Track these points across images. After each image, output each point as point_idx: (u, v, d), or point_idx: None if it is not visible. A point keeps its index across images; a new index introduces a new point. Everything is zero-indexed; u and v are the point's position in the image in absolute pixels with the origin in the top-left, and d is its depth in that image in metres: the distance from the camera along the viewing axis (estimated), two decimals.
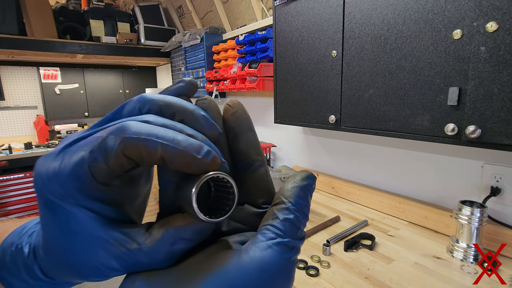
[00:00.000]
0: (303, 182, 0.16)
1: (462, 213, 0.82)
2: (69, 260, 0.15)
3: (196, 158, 0.14)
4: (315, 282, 0.75)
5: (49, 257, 0.16)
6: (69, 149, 0.15)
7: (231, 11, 1.99)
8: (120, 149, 0.13)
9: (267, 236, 0.15)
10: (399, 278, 0.75)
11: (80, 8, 2.64)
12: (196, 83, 0.18)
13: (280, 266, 0.14)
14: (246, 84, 1.62)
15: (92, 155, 0.14)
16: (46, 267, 0.17)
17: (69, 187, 0.14)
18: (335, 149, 1.40)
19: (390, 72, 0.81)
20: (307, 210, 0.16)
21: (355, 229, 1.00)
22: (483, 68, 0.62)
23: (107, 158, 0.14)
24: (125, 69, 3.21)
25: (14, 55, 2.36)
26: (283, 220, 0.15)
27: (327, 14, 0.97)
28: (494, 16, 0.59)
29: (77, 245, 0.15)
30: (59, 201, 0.14)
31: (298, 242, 0.15)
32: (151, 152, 0.13)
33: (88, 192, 0.14)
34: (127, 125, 0.14)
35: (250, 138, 0.18)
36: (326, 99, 1.03)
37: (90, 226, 0.15)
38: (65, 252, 0.15)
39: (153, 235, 0.15)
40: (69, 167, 0.14)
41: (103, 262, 0.14)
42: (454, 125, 0.68)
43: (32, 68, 2.77)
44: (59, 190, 0.14)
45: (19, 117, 2.78)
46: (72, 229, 0.15)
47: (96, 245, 0.14)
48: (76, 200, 0.14)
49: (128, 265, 0.15)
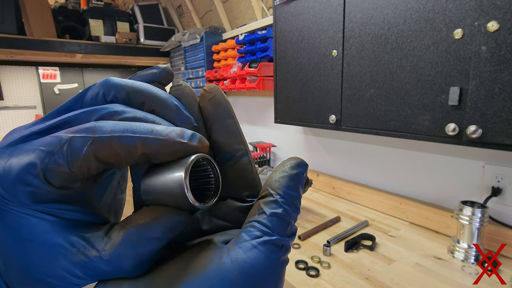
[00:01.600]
0: (293, 171, 0.14)
1: (463, 214, 0.81)
2: (28, 270, 0.13)
3: (182, 143, 0.13)
4: (315, 283, 0.74)
5: (8, 268, 0.14)
6: (18, 146, 0.13)
7: (231, 11, 1.99)
8: (91, 151, 0.12)
9: (252, 234, 0.13)
10: (400, 278, 0.75)
11: (79, 8, 2.63)
12: (171, 71, 0.17)
13: (267, 268, 0.12)
14: (246, 84, 1.61)
15: (52, 157, 0.12)
16: (8, 280, 0.14)
17: (16, 192, 0.12)
18: (335, 149, 1.40)
19: (390, 71, 0.81)
20: (298, 203, 0.14)
21: (356, 229, 1.00)
22: (484, 67, 0.61)
23: (72, 163, 0.12)
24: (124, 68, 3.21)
25: (13, 54, 2.35)
26: (271, 215, 0.13)
27: (327, 14, 0.97)
28: (495, 16, 0.58)
29: (33, 253, 0.12)
30: (5, 206, 0.12)
31: (287, 240, 0.13)
32: (130, 150, 0.12)
33: (41, 196, 0.12)
34: (96, 125, 0.12)
35: (230, 126, 0.16)
36: (327, 99, 1.02)
37: (45, 231, 0.12)
38: (22, 262, 0.13)
39: (112, 239, 0.13)
40: (17, 169, 0.12)
41: (66, 270, 0.12)
42: (455, 125, 0.68)
43: (31, 68, 2.77)
44: (4, 194, 0.12)
45: (18, 117, 2.77)
46: (24, 236, 0.12)
47: (54, 253, 0.12)
48: (26, 205, 0.12)
49: (93, 273, 0.13)
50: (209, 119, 0.16)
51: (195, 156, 0.13)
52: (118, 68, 3.16)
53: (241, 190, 0.16)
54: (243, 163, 0.16)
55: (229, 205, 0.16)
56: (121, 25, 2.65)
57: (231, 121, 0.16)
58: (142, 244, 0.12)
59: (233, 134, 0.16)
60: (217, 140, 0.16)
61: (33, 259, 0.13)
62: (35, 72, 2.77)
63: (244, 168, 0.16)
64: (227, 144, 0.16)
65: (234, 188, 0.16)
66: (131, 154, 0.12)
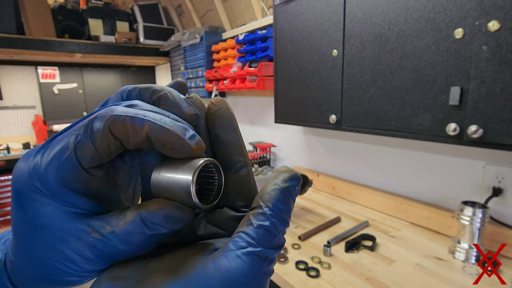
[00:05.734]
0: (285, 184, 0.15)
1: (464, 214, 0.81)
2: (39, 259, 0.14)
3: (181, 138, 0.14)
4: (315, 284, 0.74)
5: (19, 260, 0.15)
6: (52, 141, 0.14)
7: (231, 10, 1.98)
8: (107, 126, 0.14)
9: (238, 244, 0.14)
10: (401, 279, 0.74)
11: (78, 7, 2.63)
12: (184, 82, 0.18)
13: (249, 278, 0.13)
14: (246, 84, 1.61)
15: (78, 137, 0.14)
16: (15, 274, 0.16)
17: (48, 176, 0.13)
18: (335, 149, 1.39)
19: (391, 71, 0.81)
20: (286, 216, 0.15)
21: (356, 230, 1.00)
22: (485, 67, 0.61)
23: (94, 138, 0.14)
24: (124, 68, 3.20)
25: (12, 54, 2.34)
26: (257, 227, 0.14)
27: (327, 13, 0.97)
28: (496, 15, 0.58)
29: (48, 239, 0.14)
30: (31, 193, 0.14)
31: (272, 252, 0.14)
32: (137, 129, 0.14)
33: (68, 182, 0.14)
34: (114, 107, 0.14)
35: (232, 138, 0.17)
36: (327, 99, 1.02)
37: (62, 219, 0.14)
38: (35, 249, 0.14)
39: (126, 217, 0.14)
40: (52, 154, 0.14)
41: (77, 252, 0.14)
42: (455, 125, 0.68)
43: (30, 68, 2.76)
44: (35, 182, 0.14)
45: (17, 117, 2.76)
46: (41, 223, 0.14)
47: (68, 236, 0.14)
48: (52, 192, 0.14)
49: (103, 254, 0.14)
50: (213, 130, 0.18)
51: (204, 160, 0.15)
52: (117, 67, 3.15)
53: (237, 200, 0.17)
54: (241, 174, 0.17)
55: (225, 213, 0.17)
56: (121, 24, 2.64)
57: (234, 134, 0.17)
58: (149, 227, 0.14)
59: (234, 146, 0.17)
60: (219, 150, 0.17)
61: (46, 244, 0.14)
62: (34, 72, 2.77)
63: (242, 179, 0.17)
64: (227, 155, 0.17)
65: (231, 197, 0.17)
66: (137, 134, 0.14)
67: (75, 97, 2.93)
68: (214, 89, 1.98)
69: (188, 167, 0.14)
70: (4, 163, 2.28)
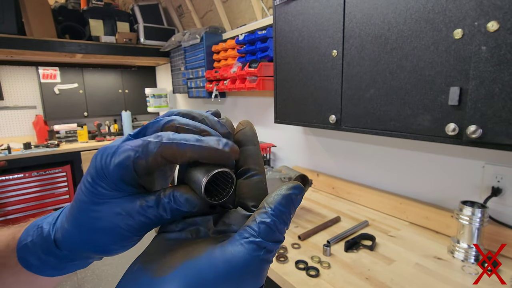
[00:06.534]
0: (287, 191, 0.18)
1: (463, 214, 0.81)
2: (93, 226, 0.19)
3: (217, 150, 0.18)
4: (315, 283, 0.74)
5: (73, 228, 0.20)
6: (123, 144, 0.19)
7: (231, 11, 1.99)
8: (159, 151, 0.18)
9: (242, 235, 0.17)
10: (400, 279, 0.75)
11: (79, 8, 2.63)
12: (219, 111, 0.23)
13: (247, 262, 0.16)
14: (246, 84, 1.61)
15: (136, 154, 0.18)
16: (66, 241, 0.21)
17: (113, 175, 0.18)
18: (335, 149, 1.40)
19: (390, 71, 0.81)
20: (286, 218, 0.18)
21: (356, 229, 1.00)
22: (484, 67, 0.61)
23: (147, 158, 0.18)
24: (124, 68, 3.21)
25: (13, 54, 2.35)
26: (259, 223, 0.17)
27: (327, 14, 0.97)
28: (495, 16, 0.58)
29: (102, 212, 0.19)
30: (99, 180, 0.19)
31: (270, 244, 0.17)
32: (181, 153, 0.18)
33: (127, 180, 0.19)
34: (163, 134, 0.19)
35: (252, 151, 0.21)
36: (327, 99, 1.02)
37: (116, 199, 0.19)
38: (90, 220, 0.19)
39: (165, 191, 0.19)
40: (118, 161, 0.18)
41: (124, 221, 0.19)
42: (455, 125, 0.68)
43: (31, 68, 2.77)
44: (104, 173, 0.18)
45: (18, 117, 2.77)
46: (99, 201, 0.19)
47: (119, 209, 0.19)
48: (115, 184, 0.18)
49: (142, 221, 0.19)
50: (237, 144, 0.22)
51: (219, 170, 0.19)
52: (118, 68, 3.16)
53: (249, 201, 0.20)
54: (255, 180, 0.21)
55: (238, 212, 0.20)
56: (121, 25, 2.64)
57: (254, 148, 0.22)
58: (176, 203, 0.19)
59: (252, 157, 0.21)
60: (241, 159, 0.21)
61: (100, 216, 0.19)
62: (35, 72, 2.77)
63: (255, 184, 0.21)
64: (246, 163, 0.21)
65: (244, 198, 0.21)
66: (182, 156, 0.18)
67: (75, 97, 2.94)
68: (214, 89, 1.98)
69: (207, 170, 0.19)
70: (5, 163, 2.29)
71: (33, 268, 0.22)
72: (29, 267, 0.22)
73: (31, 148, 2.48)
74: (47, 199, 2.51)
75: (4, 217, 2.34)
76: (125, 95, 3.23)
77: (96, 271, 2.22)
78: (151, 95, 2.89)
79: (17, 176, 2.36)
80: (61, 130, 2.84)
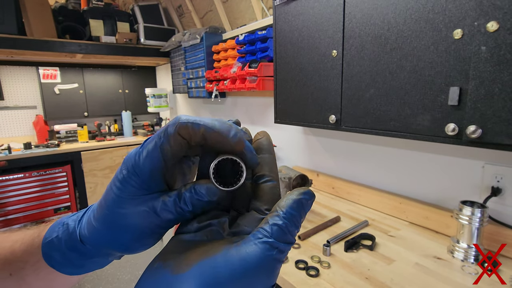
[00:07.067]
0: (298, 196, 0.19)
1: (463, 214, 0.81)
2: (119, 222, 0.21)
3: (226, 137, 0.20)
4: (315, 283, 0.74)
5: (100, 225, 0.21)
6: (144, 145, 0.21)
7: (231, 11, 1.99)
8: (177, 130, 0.19)
9: (256, 236, 0.18)
10: (400, 278, 0.75)
11: (79, 8, 2.64)
12: (239, 121, 0.25)
13: (261, 260, 0.17)
14: (246, 84, 1.61)
15: (160, 139, 0.20)
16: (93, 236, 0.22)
17: (144, 168, 0.20)
18: (335, 149, 1.40)
19: (390, 72, 0.81)
20: (297, 221, 0.19)
21: (356, 229, 1.00)
22: (484, 68, 0.61)
23: (169, 139, 0.20)
24: (124, 69, 3.21)
25: (13, 54, 2.35)
26: (272, 224, 0.18)
27: (327, 14, 0.97)
28: (495, 16, 0.58)
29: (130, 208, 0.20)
30: (131, 179, 0.20)
31: (282, 245, 0.18)
32: (196, 131, 0.19)
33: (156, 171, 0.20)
34: (180, 116, 0.20)
35: (268, 159, 0.23)
36: (327, 99, 1.02)
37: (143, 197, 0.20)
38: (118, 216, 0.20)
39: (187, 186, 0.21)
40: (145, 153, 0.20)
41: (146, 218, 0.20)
42: (454, 125, 0.68)
43: (32, 68, 2.77)
44: (137, 170, 0.20)
45: (18, 117, 2.77)
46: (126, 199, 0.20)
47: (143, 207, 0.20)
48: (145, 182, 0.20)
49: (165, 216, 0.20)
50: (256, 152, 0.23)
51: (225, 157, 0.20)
52: (118, 68, 3.16)
53: (263, 205, 0.21)
54: (269, 186, 0.22)
55: (252, 215, 0.21)
56: (121, 25, 2.65)
57: (267, 155, 0.23)
58: (196, 193, 0.20)
59: (268, 164, 0.22)
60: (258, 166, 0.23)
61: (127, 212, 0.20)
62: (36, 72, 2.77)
63: (268, 189, 0.22)
64: (262, 170, 0.22)
65: (259, 202, 0.22)
66: (196, 134, 0.19)
67: (76, 97, 2.94)
68: (214, 89, 1.98)
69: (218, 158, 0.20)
70: (5, 163, 2.29)
71: (55, 264, 0.23)
72: (51, 262, 0.23)
73: (31, 148, 2.48)
74: (47, 199, 2.51)
75: (4, 217, 2.34)
76: (125, 95, 3.23)
77: (96, 271, 2.22)
78: (151, 95, 2.89)
79: (17, 176, 2.36)
80: (61, 130, 2.84)
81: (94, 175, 2.70)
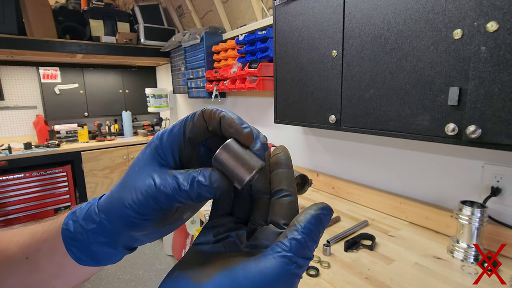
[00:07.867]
0: (317, 212, 0.19)
1: (463, 213, 0.82)
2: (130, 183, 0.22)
3: (238, 125, 0.21)
4: (315, 283, 0.74)
5: (116, 186, 0.23)
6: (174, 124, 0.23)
7: (231, 11, 1.99)
8: (201, 112, 0.22)
9: (275, 250, 0.18)
10: (400, 278, 0.75)
11: (79, 8, 2.64)
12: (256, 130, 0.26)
13: (279, 274, 0.17)
14: (246, 84, 1.62)
15: (187, 118, 0.22)
16: (108, 200, 0.23)
17: (164, 139, 0.22)
18: (335, 149, 1.40)
19: (390, 72, 0.81)
20: (315, 236, 0.19)
21: (356, 229, 1.00)
22: (483, 68, 0.61)
23: (194, 118, 0.22)
24: (124, 69, 3.21)
25: (13, 55, 2.35)
26: (291, 239, 0.18)
27: (327, 14, 0.97)
28: (495, 16, 0.58)
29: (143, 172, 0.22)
30: (153, 143, 0.22)
31: (301, 260, 0.18)
32: (215, 116, 0.21)
33: (174, 144, 0.22)
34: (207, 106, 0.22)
35: (283, 173, 0.23)
36: (326, 99, 1.02)
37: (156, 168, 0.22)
38: (131, 177, 0.22)
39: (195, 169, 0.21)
40: (173, 126, 0.23)
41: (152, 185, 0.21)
42: (454, 125, 0.68)
43: (32, 68, 2.77)
44: (160, 144, 0.22)
45: (19, 117, 2.77)
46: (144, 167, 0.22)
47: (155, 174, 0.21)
48: (166, 150, 0.22)
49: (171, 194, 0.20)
50: (272, 167, 0.24)
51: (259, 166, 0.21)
52: (118, 68, 3.16)
53: (281, 219, 0.22)
54: (286, 200, 0.22)
55: (270, 229, 0.22)
56: (122, 25, 2.65)
57: (286, 170, 0.23)
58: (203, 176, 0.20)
59: (285, 179, 0.23)
60: (275, 180, 0.23)
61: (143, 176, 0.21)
62: (36, 72, 2.77)
63: (286, 204, 0.22)
64: (280, 184, 0.23)
65: (276, 217, 0.22)
66: (214, 118, 0.21)
67: (76, 97, 2.94)
68: (214, 89, 1.99)
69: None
70: (5, 163, 2.29)
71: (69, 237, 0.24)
72: (66, 235, 0.24)
73: (31, 148, 2.48)
74: (48, 199, 2.52)
75: (5, 217, 2.34)
76: (125, 95, 3.24)
77: None
78: (151, 95, 2.89)
79: (18, 176, 2.36)
80: (61, 130, 2.84)
81: (94, 175, 2.70)
